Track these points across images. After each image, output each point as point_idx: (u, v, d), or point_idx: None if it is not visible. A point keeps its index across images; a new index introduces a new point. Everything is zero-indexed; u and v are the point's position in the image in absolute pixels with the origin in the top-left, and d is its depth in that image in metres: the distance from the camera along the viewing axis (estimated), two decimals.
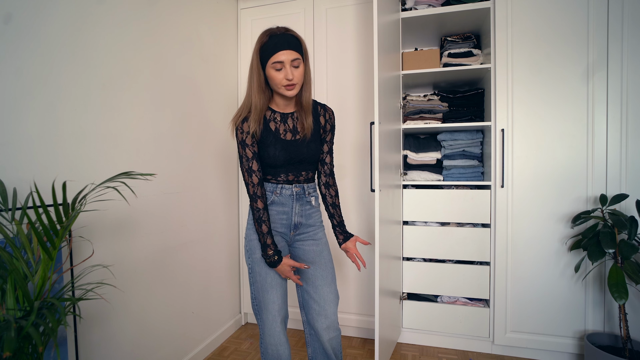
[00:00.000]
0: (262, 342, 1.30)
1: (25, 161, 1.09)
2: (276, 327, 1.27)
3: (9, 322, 0.70)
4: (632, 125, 1.72)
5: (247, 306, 2.38)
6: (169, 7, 1.72)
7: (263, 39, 1.16)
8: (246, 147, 1.21)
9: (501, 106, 1.89)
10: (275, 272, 1.28)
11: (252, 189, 1.22)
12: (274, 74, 1.16)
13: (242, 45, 2.35)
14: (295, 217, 1.30)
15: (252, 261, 1.28)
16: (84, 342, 1.28)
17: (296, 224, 1.31)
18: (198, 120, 1.95)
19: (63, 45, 1.21)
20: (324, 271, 1.32)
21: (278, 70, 1.15)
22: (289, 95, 1.20)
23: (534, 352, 1.90)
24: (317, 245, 1.34)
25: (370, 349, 2.05)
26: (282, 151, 1.22)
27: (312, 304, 1.32)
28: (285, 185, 1.27)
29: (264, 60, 1.16)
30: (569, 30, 1.79)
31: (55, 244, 0.88)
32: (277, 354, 1.27)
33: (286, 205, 1.28)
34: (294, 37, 1.15)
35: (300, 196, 1.30)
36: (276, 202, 1.27)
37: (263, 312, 1.28)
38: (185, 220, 1.83)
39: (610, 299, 1.76)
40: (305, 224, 1.33)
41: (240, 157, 1.24)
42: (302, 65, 1.17)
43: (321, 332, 1.31)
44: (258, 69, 1.18)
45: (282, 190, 1.27)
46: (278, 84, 1.17)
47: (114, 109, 1.41)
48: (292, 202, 1.29)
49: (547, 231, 1.84)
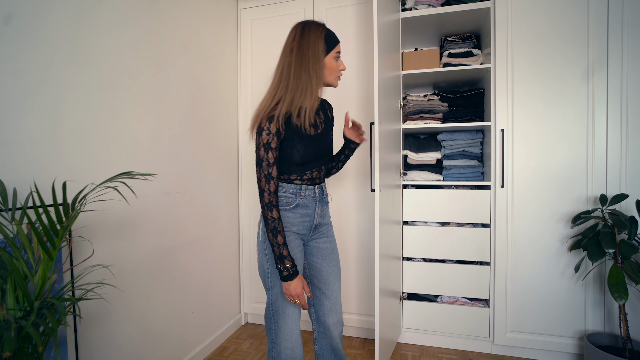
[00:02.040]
0: (276, 347, 1.25)
1: (25, 161, 1.09)
2: (296, 330, 1.25)
3: (9, 322, 0.70)
4: (632, 125, 1.72)
5: (247, 306, 2.39)
6: (169, 7, 1.72)
7: (321, 29, 1.18)
8: (270, 150, 1.14)
9: (501, 106, 1.89)
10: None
11: (269, 196, 1.15)
12: (334, 63, 1.20)
13: (242, 45, 2.35)
14: (317, 218, 1.29)
15: (272, 266, 1.22)
16: (84, 342, 1.28)
17: (316, 224, 1.30)
18: (198, 120, 1.95)
19: (63, 45, 1.21)
20: (335, 268, 1.34)
21: (337, 60, 1.20)
22: (335, 85, 1.24)
23: (534, 352, 1.90)
24: (330, 242, 1.35)
25: (370, 349, 2.05)
26: (310, 146, 1.21)
27: (324, 300, 1.33)
28: (308, 187, 1.25)
29: (329, 49, 1.18)
30: (569, 30, 1.79)
31: (55, 244, 0.88)
32: (293, 356, 1.24)
33: (309, 208, 1.26)
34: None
35: (321, 197, 1.30)
36: (300, 205, 1.24)
37: (281, 316, 1.24)
38: (185, 221, 1.83)
39: (610, 299, 1.76)
40: (322, 223, 1.33)
41: (260, 161, 1.15)
42: None
43: (332, 327, 1.33)
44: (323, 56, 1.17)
45: (306, 192, 1.24)
46: (335, 73, 1.21)
47: (114, 109, 1.41)
48: (314, 204, 1.27)
49: (547, 231, 1.84)
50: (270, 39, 2.28)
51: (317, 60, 1.16)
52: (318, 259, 1.33)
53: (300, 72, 1.15)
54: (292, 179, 1.23)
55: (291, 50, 1.17)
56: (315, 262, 1.33)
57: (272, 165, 1.15)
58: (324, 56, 1.18)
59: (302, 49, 1.16)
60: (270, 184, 1.15)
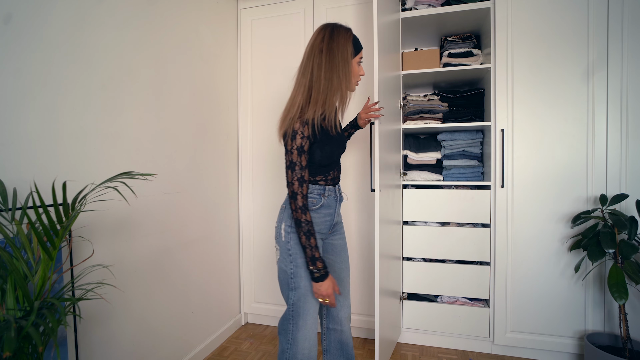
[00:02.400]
0: (292, 348, 1.25)
1: (25, 161, 1.09)
2: (314, 331, 1.26)
3: (9, 322, 0.70)
4: (632, 125, 1.72)
5: (247, 306, 2.39)
6: (169, 7, 1.72)
7: (350, 34, 1.21)
8: (303, 154, 1.15)
9: (501, 106, 1.89)
10: None
11: (302, 200, 1.16)
12: (357, 68, 1.24)
13: (242, 45, 2.35)
14: (336, 217, 1.34)
15: (297, 266, 1.22)
16: (84, 342, 1.28)
17: (335, 223, 1.35)
18: (198, 120, 1.95)
19: (63, 45, 1.21)
20: (346, 264, 1.41)
21: (359, 66, 1.24)
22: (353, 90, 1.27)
23: (534, 352, 1.90)
24: (342, 239, 1.40)
25: (370, 349, 2.05)
26: (336, 146, 1.25)
27: (337, 296, 1.35)
28: (330, 187, 1.29)
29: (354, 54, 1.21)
30: (569, 30, 1.79)
31: (55, 244, 0.88)
32: (310, 356, 1.25)
33: (331, 207, 1.30)
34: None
35: (339, 196, 1.34)
36: (324, 205, 1.27)
37: (302, 317, 1.23)
38: (185, 221, 1.83)
39: (610, 299, 1.76)
40: (338, 222, 1.39)
41: (293, 165, 1.15)
42: None
43: (344, 322, 1.38)
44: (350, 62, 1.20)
45: (329, 193, 1.28)
46: (356, 78, 1.25)
47: (114, 109, 1.41)
48: (335, 203, 1.31)
49: (547, 231, 1.84)
50: (270, 39, 2.28)
51: (347, 63, 1.18)
52: (332, 255, 1.37)
53: (331, 74, 1.16)
54: (318, 180, 1.26)
55: (320, 51, 1.17)
56: (329, 258, 1.37)
57: (305, 169, 1.16)
58: (351, 60, 1.20)
59: (332, 51, 1.17)
60: (303, 187, 1.16)
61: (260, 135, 2.32)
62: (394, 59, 1.93)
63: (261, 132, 2.32)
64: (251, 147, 2.34)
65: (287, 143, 1.15)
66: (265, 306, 2.35)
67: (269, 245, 2.32)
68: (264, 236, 2.32)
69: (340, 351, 1.41)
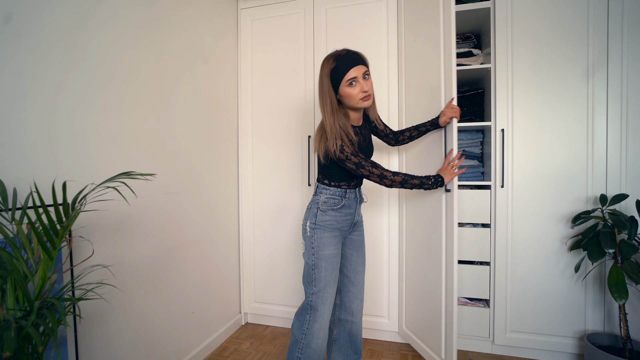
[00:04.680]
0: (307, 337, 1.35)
1: (25, 161, 1.09)
2: (326, 320, 1.38)
3: (9, 322, 0.70)
4: (632, 125, 1.72)
5: (247, 306, 2.39)
6: (169, 7, 1.72)
7: (330, 63, 1.27)
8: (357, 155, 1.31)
9: (501, 106, 1.89)
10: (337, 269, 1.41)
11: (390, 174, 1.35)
12: (349, 90, 1.27)
13: (242, 45, 2.35)
14: (356, 216, 1.49)
15: (318, 258, 1.37)
16: (84, 342, 1.28)
17: (355, 222, 1.50)
18: (198, 120, 1.95)
19: (63, 45, 1.21)
20: (362, 258, 1.53)
21: (352, 85, 1.26)
22: (366, 106, 1.31)
23: (534, 352, 1.90)
24: (361, 236, 1.54)
25: (370, 349, 2.05)
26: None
27: (351, 287, 1.50)
28: (351, 190, 1.44)
29: (337, 82, 1.27)
30: (569, 30, 1.79)
31: (55, 244, 0.88)
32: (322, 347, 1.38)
33: (352, 207, 1.45)
34: (357, 53, 1.29)
35: (360, 198, 1.49)
36: (346, 205, 1.43)
37: (319, 308, 1.36)
38: (185, 221, 1.83)
39: (610, 299, 1.76)
40: (358, 221, 1.53)
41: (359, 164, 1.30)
42: (370, 76, 1.31)
43: (356, 313, 1.50)
44: (330, 92, 1.29)
45: (350, 195, 1.44)
46: (355, 98, 1.28)
47: (114, 109, 1.41)
48: (355, 204, 1.47)
49: (547, 231, 1.84)
50: (271, 39, 2.28)
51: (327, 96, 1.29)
52: (350, 249, 1.51)
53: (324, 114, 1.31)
54: (341, 184, 1.42)
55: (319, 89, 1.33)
56: (347, 252, 1.51)
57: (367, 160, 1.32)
58: (332, 91, 1.28)
59: (320, 88, 1.31)
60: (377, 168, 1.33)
61: (260, 135, 2.32)
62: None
63: (261, 132, 2.32)
64: (251, 147, 2.34)
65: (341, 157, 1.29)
66: (265, 306, 2.35)
67: (269, 245, 2.32)
68: (264, 236, 2.32)
69: (349, 342, 1.50)
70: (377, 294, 2.12)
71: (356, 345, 1.51)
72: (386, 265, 2.09)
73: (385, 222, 2.09)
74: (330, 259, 1.37)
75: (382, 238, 2.09)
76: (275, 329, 2.32)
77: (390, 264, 2.08)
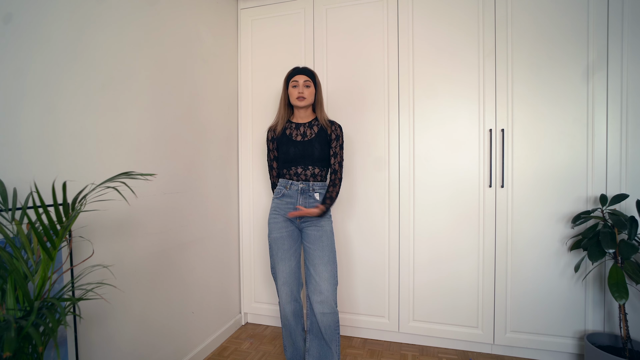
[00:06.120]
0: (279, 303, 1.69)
1: (25, 161, 1.09)
2: (283, 292, 1.66)
3: (9, 322, 0.70)
4: (632, 125, 1.72)
5: (247, 306, 2.39)
6: (169, 7, 1.72)
7: (289, 72, 1.68)
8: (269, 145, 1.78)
9: (501, 106, 1.89)
10: (285, 250, 1.64)
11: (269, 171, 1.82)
12: (291, 90, 1.66)
13: (242, 45, 2.35)
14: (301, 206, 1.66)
15: (269, 239, 1.69)
16: (84, 342, 1.28)
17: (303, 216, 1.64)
18: (198, 120, 1.95)
19: (63, 45, 1.21)
20: (321, 252, 1.61)
21: (294, 87, 1.65)
22: (300, 105, 1.64)
23: (534, 352, 1.90)
24: (318, 231, 1.64)
25: (370, 349, 2.05)
26: (293, 148, 1.65)
27: (311, 280, 1.61)
28: (295, 182, 1.65)
29: (287, 82, 1.67)
30: (569, 29, 1.79)
31: (55, 244, 0.88)
32: (284, 311, 1.69)
33: (293, 198, 1.65)
34: (308, 69, 1.68)
35: (305, 191, 1.65)
36: (286, 194, 1.67)
37: (277, 281, 1.67)
38: (185, 220, 1.83)
39: (610, 299, 1.76)
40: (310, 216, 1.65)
41: (269, 152, 1.78)
42: (312, 87, 1.66)
43: (315, 305, 1.57)
44: (284, 91, 1.70)
45: (291, 186, 1.66)
46: (293, 96, 1.65)
47: (114, 109, 1.41)
48: (297, 195, 1.65)
49: (547, 231, 1.84)
50: (270, 39, 2.28)
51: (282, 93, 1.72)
52: (308, 243, 1.65)
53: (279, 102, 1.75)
54: (284, 173, 1.69)
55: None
56: (306, 245, 1.65)
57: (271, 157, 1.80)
58: (286, 89, 1.70)
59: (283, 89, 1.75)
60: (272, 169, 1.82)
61: (260, 135, 2.32)
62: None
63: (261, 132, 2.32)
64: (251, 147, 2.34)
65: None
66: (266, 306, 2.35)
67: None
68: (264, 236, 2.32)
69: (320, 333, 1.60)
70: (377, 294, 2.12)
71: (329, 336, 1.56)
72: (386, 265, 2.09)
73: (385, 222, 2.09)
74: (275, 242, 1.65)
75: (383, 238, 2.09)
76: (276, 329, 2.32)
77: (391, 264, 2.08)
